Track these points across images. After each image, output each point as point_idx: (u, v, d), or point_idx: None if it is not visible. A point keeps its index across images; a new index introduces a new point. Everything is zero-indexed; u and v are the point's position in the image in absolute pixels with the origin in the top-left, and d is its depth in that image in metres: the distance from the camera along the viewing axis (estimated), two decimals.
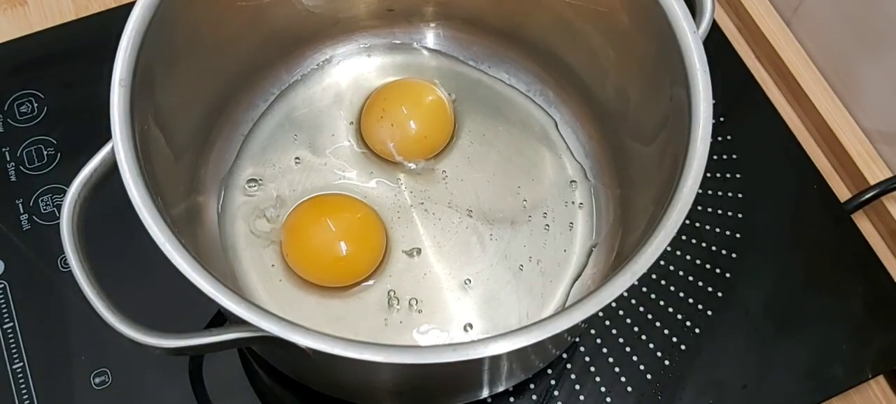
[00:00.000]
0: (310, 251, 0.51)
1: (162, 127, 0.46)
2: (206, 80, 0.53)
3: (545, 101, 0.58)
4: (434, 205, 0.54)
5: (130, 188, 0.39)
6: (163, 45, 0.45)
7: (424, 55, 0.60)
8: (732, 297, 0.55)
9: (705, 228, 0.57)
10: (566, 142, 0.57)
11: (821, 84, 0.65)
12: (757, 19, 0.67)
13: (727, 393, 0.52)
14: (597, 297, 0.38)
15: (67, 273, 0.41)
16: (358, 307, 0.51)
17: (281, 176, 0.55)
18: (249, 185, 0.54)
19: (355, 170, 0.55)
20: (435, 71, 0.59)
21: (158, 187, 0.42)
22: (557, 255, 0.52)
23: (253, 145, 0.56)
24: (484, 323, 0.50)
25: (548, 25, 0.56)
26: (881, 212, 0.60)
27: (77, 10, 0.66)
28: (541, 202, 0.54)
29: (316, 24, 0.57)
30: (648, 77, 0.48)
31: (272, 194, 0.54)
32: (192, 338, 0.38)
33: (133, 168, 0.40)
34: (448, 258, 0.52)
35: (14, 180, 0.57)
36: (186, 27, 0.47)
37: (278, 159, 0.55)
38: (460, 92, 0.58)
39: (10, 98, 0.60)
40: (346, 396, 0.49)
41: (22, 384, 0.50)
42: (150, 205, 0.39)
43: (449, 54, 0.60)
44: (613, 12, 0.50)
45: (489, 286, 0.52)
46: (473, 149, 0.56)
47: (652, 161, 0.48)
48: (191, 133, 0.52)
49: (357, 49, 0.60)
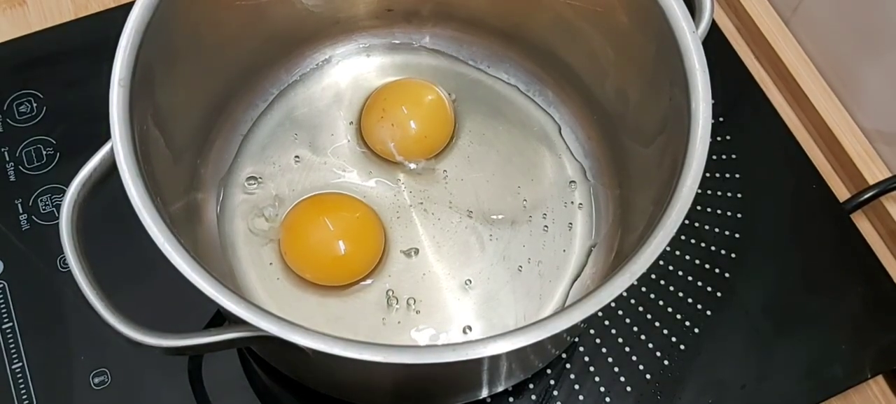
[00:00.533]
0: (308, 250, 0.51)
1: (161, 127, 0.46)
2: (206, 80, 0.53)
3: (545, 101, 0.58)
4: (433, 205, 0.54)
5: (129, 188, 0.39)
6: (162, 45, 0.45)
7: (424, 55, 0.60)
8: (731, 297, 0.55)
9: (704, 228, 0.57)
10: (566, 143, 0.57)
11: (820, 84, 0.65)
12: (756, 19, 0.67)
13: (726, 393, 0.52)
14: (596, 297, 0.38)
15: (66, 273, 0.41)
16: (356, 306, 0.51)
17: (280, 174, 0.55)
18: (249, 183, 0.54)
19: (355, 170, 0.55)
20: (434, 70, 0.59)
21: (157, 187, 0.42)
22: (557, 256, 0.52)
23: (253, 144, 0.56)
24: (483, 323, 0.50)
25: (547, 25, 0.56)
26: (880, 212, 0.60)
27: (76, 10, 0.66)
28: (540, 202, 0.54)
29: (315, 24, 0.57)
30: (648, 77, 0.48)
31: (271, 193, 0.54)
32: (191, 338, 0.38)
33: (132, 168, 0.40)
34: (447, 258, 0.52)
35: (13, 180, 0.57)
36: (186, 27, 0.47)
37: (278, 158, 0.55)
38: (460, 92, 0.58)
39: (10, 98, 0.60)
40: (346, 396, 0.49)
41: (21, 384, 0.50)
42: (149, 204, 0.39)
43: (448, 54, 0.60)
44: (613, 12, 0.50)
45: (488, 286, 0.52)
46: (473, 148, 0.56)
47: (651, 161, 0.48)
48: (190, 132, 0.52)
49: (356, 49, 0.60)
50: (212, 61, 0.52)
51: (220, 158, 0.55)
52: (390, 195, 0.54)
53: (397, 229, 0.53)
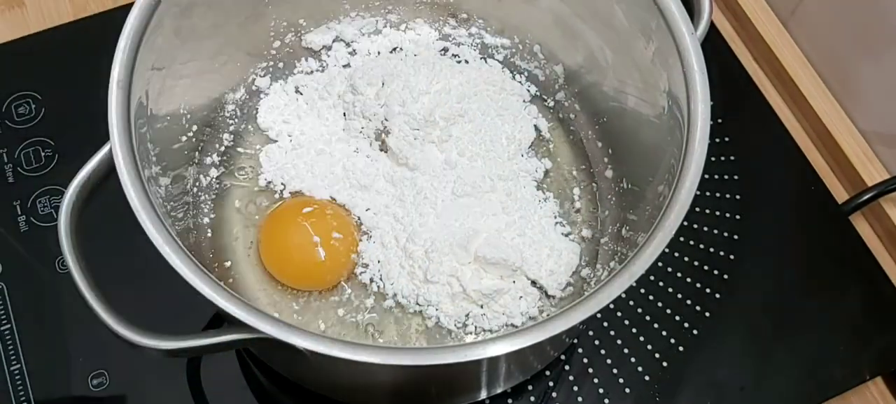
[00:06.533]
0: (280, 268, 0.52)
1: (160, 128, 0.46)
2: (203, 80, 0.53)
3: (543, 102, 0.58)
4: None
5: (128, 189, 0.39)
6: (160, 48, 0.45)
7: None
8: (730, 299, 0.55)
9: (703, 230, 0.57)
10: (565, 143, 0.57)
11: (818, 85, 0.65)
12: (754, 21, 0.67)
13: (725, 394, 0.52)
14: (595, 299, 0.38)
15: (65, 274, 0.41)
16: (354, 304, 0.51)
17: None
18: (240, 173, 0.55)
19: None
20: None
21: (156, 188, 0.42)
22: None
23: (251, 139, 0.56)
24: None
25: (547, 25, 0.56)
26: (879, 213, 0.60)
27: (75, 11, 0.66)
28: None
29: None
30: (647, 78, 0.48)
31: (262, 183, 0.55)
32: (189, 340, 0.38)
33: (131, 170, 0.40)
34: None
35: (12, 182, 0.57)
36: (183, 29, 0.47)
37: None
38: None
39: (8, 99, 0.60)
40: (345, 398, 0.49)
41: (19, 386, 0.50)
42: (148, 206, 0.39)
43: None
44: (612, 13, 0.50)
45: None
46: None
47: (650, 162, 0.48)
48: (188, 135, 0.52)
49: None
50: (209, 63, 0.52)
51: (218, 157, 0.55)
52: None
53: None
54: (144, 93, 0.44)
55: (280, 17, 0.56)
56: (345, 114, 0.56)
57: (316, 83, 0.58)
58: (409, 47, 0.60)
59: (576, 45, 0.55)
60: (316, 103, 0.57)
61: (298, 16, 0.57)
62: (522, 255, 0.50)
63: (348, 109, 0.56)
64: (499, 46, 0.60)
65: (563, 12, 0.55)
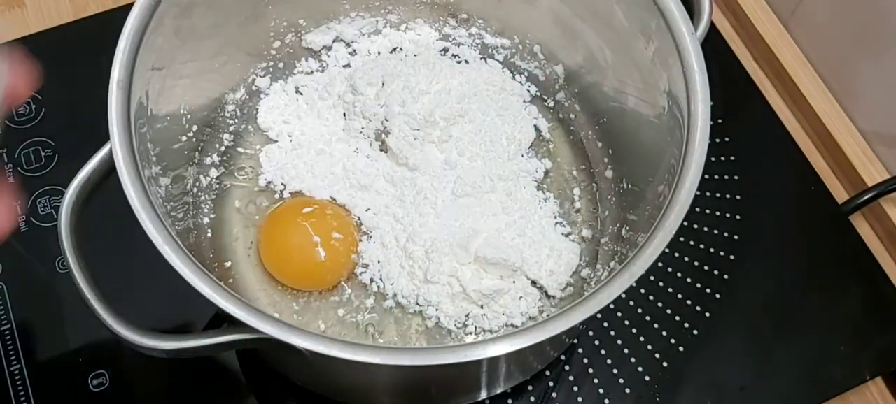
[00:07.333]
0: (280, 268, 0.52)
1: (160, 128, 0.46)
2: (203, 80, 0.53)
3: (543, 102, 0.59)
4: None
5: (128, 189, 0.39)
6: (160, 48, 0.45)
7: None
8: (730, 299, 0.55)
9: (703, 230, 0.57)
10: (565, 143, 0.57)
11: (818, 86, 0.65)
12: (755, 21, 0.67)
13: (725, 394, 0.52)
14: (595, 299, 0.38)
15: (65, 274, 0.41)
16: (354, 304, 0.51)
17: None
18: (240, 173, 0.55)
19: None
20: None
21: (156, 188, 0.42)
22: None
23: (251, 139, 0.56)
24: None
25: (547, 26, 0.56)
26: (879, 213, 0.60)
27: (75, 12, 0.66)
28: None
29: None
30: (647, 78, 0.48)
31: (262, 183, 0.54)
32: (190, 341, 0.38)
33: (131, 170, 0.40)
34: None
35: (12, 181, 0.57)
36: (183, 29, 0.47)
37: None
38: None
39: None
40: (345, 398, 0.49)
41: (20, 386, 0.50)
42: (148, 206, 0.39)
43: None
44: (612, 13, 0.50)
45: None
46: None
47: (650, 162, 0.48)
48: (187, 135, 0.52)
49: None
50: (209, 63, 0.52)
51: (218, 157, 0.55)
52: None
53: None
54: (144, 93, 0.44)
55: (280, 17, 0.56)
56: (345, 115, 0.56)
57: (316, 83, 0.58)
58: (409, 47, 0.60)
59: (576, 45, 0.55)
60: (316, 103, 0.57)
61: (298, 16, 0.57)
62: (522, 255, 0.50)
63: (348, 109, 0.56)
64: (499, 46, 0.60)
65: (563, 12, 0.55)
